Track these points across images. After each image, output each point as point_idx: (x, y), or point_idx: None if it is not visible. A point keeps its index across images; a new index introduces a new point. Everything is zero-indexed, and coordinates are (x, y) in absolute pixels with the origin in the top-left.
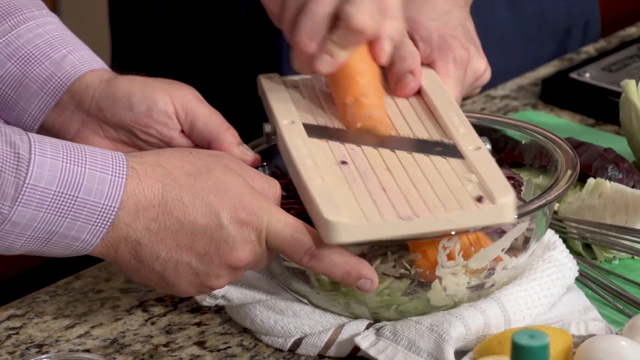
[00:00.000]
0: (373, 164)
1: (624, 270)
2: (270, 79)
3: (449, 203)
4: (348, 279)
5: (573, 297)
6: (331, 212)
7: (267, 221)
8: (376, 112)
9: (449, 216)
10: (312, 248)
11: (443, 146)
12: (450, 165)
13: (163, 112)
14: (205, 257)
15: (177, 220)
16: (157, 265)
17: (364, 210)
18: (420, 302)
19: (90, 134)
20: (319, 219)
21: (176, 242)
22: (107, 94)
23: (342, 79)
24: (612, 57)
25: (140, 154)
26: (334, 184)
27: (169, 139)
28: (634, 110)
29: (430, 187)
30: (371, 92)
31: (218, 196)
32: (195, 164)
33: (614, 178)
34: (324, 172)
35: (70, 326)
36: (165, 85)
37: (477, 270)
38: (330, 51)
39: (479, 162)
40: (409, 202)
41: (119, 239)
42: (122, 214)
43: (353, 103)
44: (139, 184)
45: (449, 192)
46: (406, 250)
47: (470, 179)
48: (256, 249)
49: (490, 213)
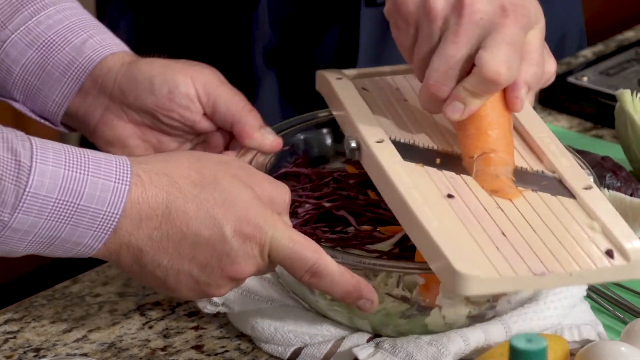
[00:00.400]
0: (481, 199)
1: None
2: (339, 78)
3: (579, 258)
4: (348, 298)
5: (580, 310)
6: (461, 263)
7: (272, 236)
8: (503, 172)
9: (582, 273)
10: (314, 266)
11: (548, 180)
12: (563, 206)
13: (185, 95)
14: (207, 268)
15: (180, 230)
16: (158, 272)
17: (492, 260)
18: (417, 325)
19: (114, 119)
20: (446, 268)
21: (178, 251)
22: (129, 77)
23: (472, 129)
24: (609, 61)
25: (147, 160)
26: (449, 224)
27: (192, 122)
28: (630, 121)
29: (552, 234)
30: (501, 147)
31: (223, 209)
32: (203, 174)
33: (612, 186)
34: (434, 208)
35: (68, 330)
36: (187, 67)
37: (479, 302)
38: (462, 98)
39: (595, 206)
40: (537, 254)
41: (120, 245)
42: (124, 222)
43: (480, 158)
44: (143, 192)
45: (574, 242)
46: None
47: (592, 226)
48: (258, 262)
49: (624, 269)
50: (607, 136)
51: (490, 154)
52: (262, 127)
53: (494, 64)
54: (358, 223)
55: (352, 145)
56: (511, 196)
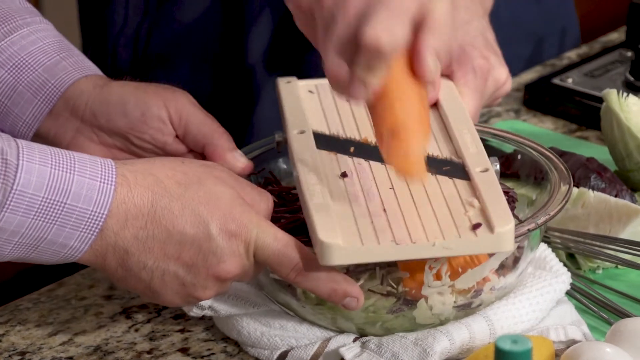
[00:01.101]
0: (378, 181)
1: (608, 279)
2: (288, 82)
3: (447, 229)
4: (334, 296)
5: (563, 310)
6: (327, 233)
7: (256, 234)
8: (413, 150)
9: (445, 243)
10: (300, 264)
11: (451, 165)
12: (455, 187)
13: (157, 117)
14: (193, 268)
15: (165, 229)
16: (143, 274)
17: (361, 232)
18: (405, 320)
19: (85, 141)
20: (315, 238)
21: (164, 251)
22: (101, 100)
23: (379, 109)
24: (594, 63)
25: (131, 162)
26: (335, 200)
27: (163, 144)
28: (616, 120)
29: (432, 210)
30: (410, 120)
31: (208, 207)
32: (187, 174)
33: (597, 187)
34: (326, 187)
35: (53, 333)
36: (159, 90)
37: (464, 290)
38: (361, 77)
39: (483, 186)
40: (408, 226)
41: (106, 246)
42: (110, 222)
43: (389, 135)
44: (128, 191)
45: (449, 217)
46: (394, 267)
47: (472, 203)
48: (244, 261)
49: (488, 242)
50: (592, 137)
51: (399, 131)
52: (234, 150)
53: (372, 31)
54: None
55: (277, 139)
56: (418, 174)
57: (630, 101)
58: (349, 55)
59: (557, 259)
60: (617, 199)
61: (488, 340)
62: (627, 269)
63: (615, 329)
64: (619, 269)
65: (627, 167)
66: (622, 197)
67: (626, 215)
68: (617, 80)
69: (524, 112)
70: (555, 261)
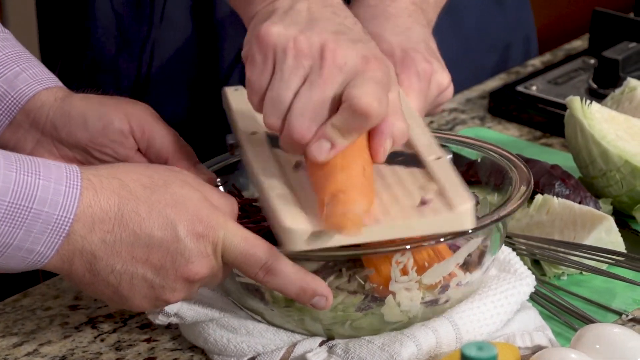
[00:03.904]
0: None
1: (573, 285)
2: (235, 90)
3: (409, 210)
4: (303, 296)
5: (528, 315)
6: (291, 220)
7: (224, 235)
8: (352, 209)
9: (408, 222)
10: (267, 263)
11: (405, 156)
12: (411, 175)
13: (119, 131)
14: (161, 270)
15: (133, 232)
16: (111, 278)
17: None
18: (374, 318)
19: (45, 153)
20: (279, 226)
21: (132, 254)
22: (62, 113)
23: (321, 177)
24: (557, 70)
25: (95, 167)
26: (295, 190)
27: (125, 158)
28: (579, 127)
29: (392, 195)
30: (352, 187)
31: (175, 209)
32: (152, 177)
33: (561, 194)
34: (284, 179)
35: (19, 344)
36: (121, 103)
37: (431, 285)
38: (330, 137)
39: (439, 171)
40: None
41: (74, 251)
42: (77, 226)
43: (330, 201)
44: (94, 195)
45: (410, 199)
46: (360, 267)
47: (430, 187)
48: (212, 262)
49: (449, 220)
50: (556, 144)
51: (338, 195)
52: (197, 163)
53: (365, 98)
54: None
55: (230, 142)
56: (353, 232)
57: (594, 108)
58: (319, 119)
59: (521, 262)
60: (581, 206)
61: (454, 345)
62: (592, 275)
63: (580, 335)
64: (584, 275)
65: (591, 173)
66: (586, 204)
67: (590, 221)
68: (580, 88)
69: (489, 120)
70: (519, 264)
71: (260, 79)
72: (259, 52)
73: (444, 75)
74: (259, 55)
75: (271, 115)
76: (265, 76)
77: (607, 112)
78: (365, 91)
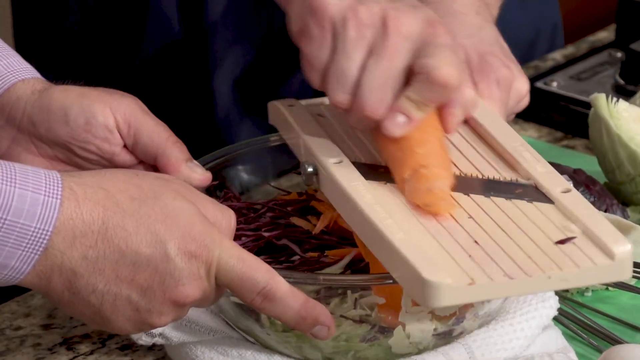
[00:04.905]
0: (452, 212)
1: (598, 302)
2: (291, 106)
3: (559, 259)
4: (303, 324)
5: (548, 336)
6: (430, 272)
7: (218, 255)
8: (437, 185)
9: (562, 275)
10: (266, 288)
11: (523, 187)
12: (540, 211)
13: (103, 126)
14: (148, 292)
15: (118, 248)
16: (93, 298)
17: (463, 267)
18: (380, 350)
19: (23, 152)
20: (414, 279)
21: (116, 273)
22: (40, 107)
23: (397, 152)
24: (581, 65)
25: (79, 174)
26: (417, 236)
27: (111, 155)
28: (605, 127)
29: (529, 238)
30: (433, 162)
31: (165, 224)
32: (142, 188)
33: None
34: (399, 221)
35: None
36: (105, 95)
37: (445, 317)
38: (406, 110)
39: (575, 208)
40: (512, 258)
41: (52, 267)
42: (56, 240)
43: (411, 177)
44: (76, 206)
45: (553, 245)
46: (367, 289)
47: (570, 228)
48: (204, 285)
49: (608, 269)
50: (579, 147)
51: (420, 170)
52: (189, 160)
53: (445, 68)
54: (303, 251)
55: (309, 170)
56: (445, 209)
57: (621, 107)
58: (392, 92)
59: None
60: (607, 214)
61: None
62: (619, 290)
63: (606, 357)
64: (610, 291)
65: (618, 179)
66: (612, 212)
67: None
68: (606, 84)
69: None
70: None
71: (320, 54)
72: (316, 25)
73: (523, 82)
74: (316, 28)
75: (337, 91)
76: (324, 50)
77: (635, 110)
78: (442, 61)
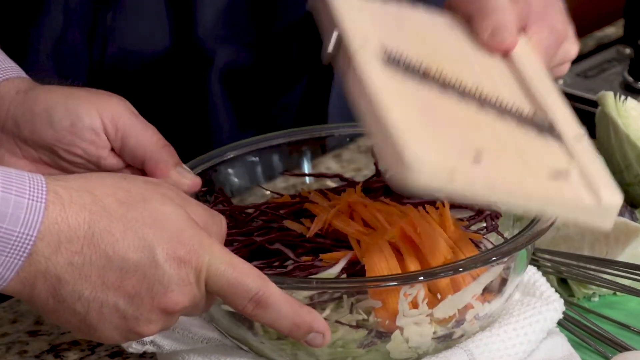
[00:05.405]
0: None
1: (605, 308)
2: None
3: (548, 184)
4: (297, 332)
5: (554, 342)
6: (417, 146)
7: (209, 261)
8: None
9: (546, 196)
10: (258, 294)
11: (538, 122)
12: (547, 145)
13: (89, 129)
14: (135, 299)
15: (104, 254)
16: (78, 306)
17: (454, 153)
18: (378, 355)
19: (6, 154)
20: (396, 156)
21: (102, 279)
22: (24, 108)
23: None
24: (587, 61)
25: (64, 178)
26: (415, 115)
27: (97, 159)
28: (613, 127)
29: (527, 161)
30: None
31: (154, 229)
32: (129, 192)
33: None
34: (405, 105)
35: None
36: (92, 96)
37: (444, 319)
38: None
39: (581, 152)
40: (505, 168)
41: (36, 274)
42: (40, 245)
43: None
44: (62, 210)
45: (547, 174)
46: (364, 293)
47: (570, 167)
48: (194, 291)
49: (591, 211)
50: None
51: None
52: (178, 165)
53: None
54: (296, 255)
55: (329, 50)
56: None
57: (629, 105)
58: None
59: (548, 284)
60: None
61: None
62: (627, 296)
63: None
64: (618, 296)
65: (626, 180)
66: (620, 215)
67: (625, 235)
68: (614, 81)
69: None
70: (546, 286)
71: None
72: None
73: (574, 46)
74: None
75: None
76: None
77: None
78: None
